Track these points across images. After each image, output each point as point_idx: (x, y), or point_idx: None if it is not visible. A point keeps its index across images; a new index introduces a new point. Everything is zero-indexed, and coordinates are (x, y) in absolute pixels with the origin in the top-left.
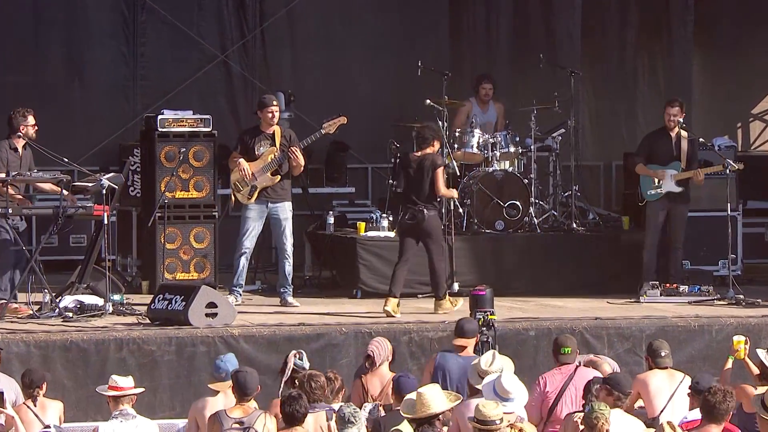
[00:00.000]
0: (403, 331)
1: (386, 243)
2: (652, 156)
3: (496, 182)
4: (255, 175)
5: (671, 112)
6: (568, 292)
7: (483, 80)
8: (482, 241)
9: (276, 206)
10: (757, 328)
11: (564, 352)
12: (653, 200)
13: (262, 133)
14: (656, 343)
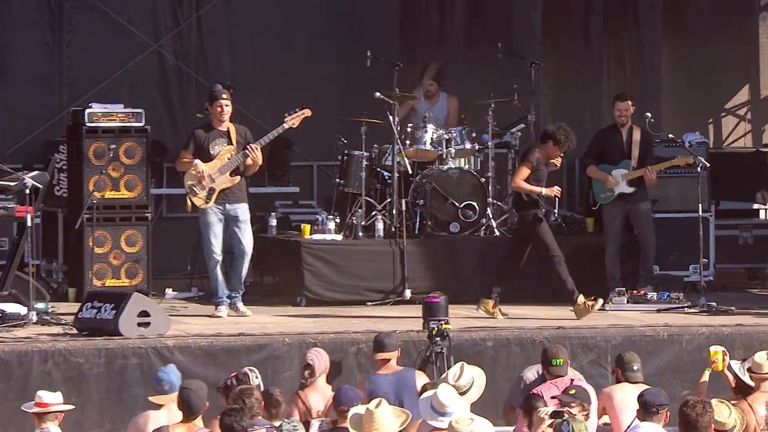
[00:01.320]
0: (350, 342)
1: (332, 247)
2: (603, 155)
3: (451, 181)
4: (212, 177)
5: (621, 108)
6: (529, 299)
7: (423, 75)
8: (436, 245)
9: (235, 207)
10: (731, 337)
11: (555, 363)
12: (607, 203)
13: (216, 130)
14: (627, 356)
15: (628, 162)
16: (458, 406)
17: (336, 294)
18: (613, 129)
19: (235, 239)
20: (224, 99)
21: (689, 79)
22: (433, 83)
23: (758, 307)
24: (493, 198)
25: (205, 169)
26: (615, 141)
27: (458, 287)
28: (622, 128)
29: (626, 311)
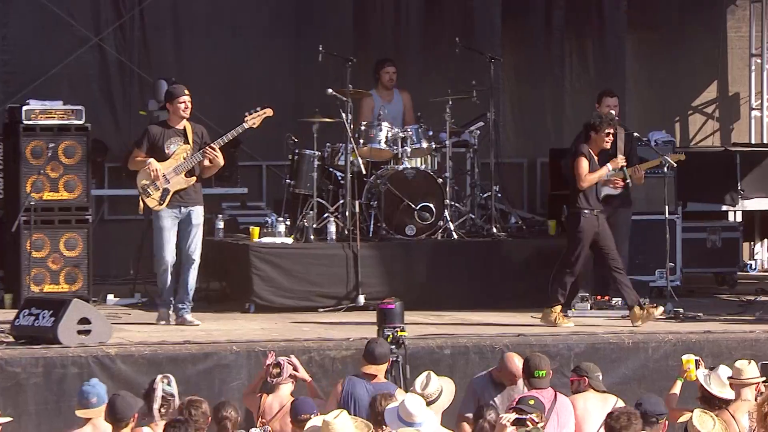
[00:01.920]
0: (302, 350)
1: (282, 250)
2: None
3: (407, 182)
4: (167, 177)
5: (611, 104)
6: (488, 305)
7: (385, 64)
8: (391, 248)
9: (189, 210)
10: (699, 345)
11: (537, 375)
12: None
13: (173, 128)
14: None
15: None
16: (426, 416)
17: (286, 300)
18: None
19: (185, 244)
20: (187, 95)
21: (655, 75)
22: (395, 70)
23: (726, 313)
24: (451, 199)
25: (159, 168)
26: None
27: (414, 293)
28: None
29: (590, 317)
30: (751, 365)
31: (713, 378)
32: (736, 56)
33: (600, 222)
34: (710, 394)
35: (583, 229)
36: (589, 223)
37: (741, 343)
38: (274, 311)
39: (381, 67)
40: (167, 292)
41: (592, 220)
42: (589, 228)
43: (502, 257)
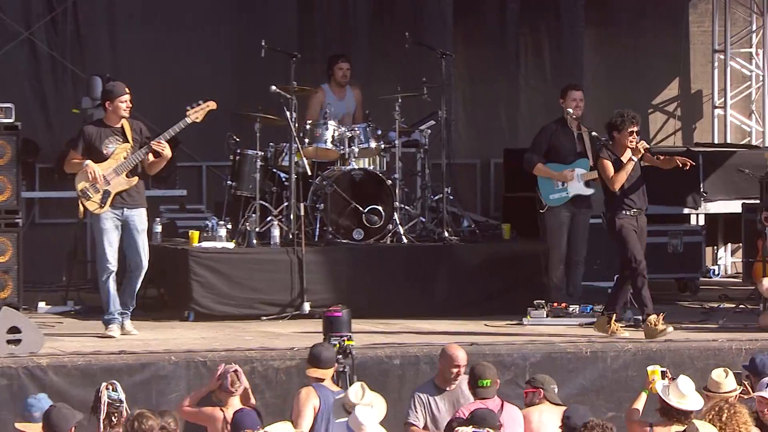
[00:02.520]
0: (244, 360)
1: (223, 256)
2: (551, 153)
3: (354, 184)
4: (107, 178)
5: (577, 97)
6: (440, 312)
7: (339, 59)
8: (338, 253)
9: (132, 213)
10: (659, 354)
11: (482, 384)
12: (558, 205)
13: (110, 127)
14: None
15: (586, 161)
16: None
17: (227, 307)
18: (561, 123)
19: (131, 250)
20: (128, 94)
21: (614, 72)
22: (349, 66)
23: (689, 320)
24: (401, 202)
25: (97, 170)
26: (566, 137)
27: (362, 300)
28: (573, 123)
29: (546, 326)
30: (729, 377)
31: (672, 389)
32: (699, 52)
33: (640, 223)
34: (669, 405)
35: (623, 228)
36: (626, 221)
37: (704, 352)
38: (214, 319)
39: (334, 63)
40: (112, 303)
41: (630, 220)
42: (627, 224)
43: (455, 262)
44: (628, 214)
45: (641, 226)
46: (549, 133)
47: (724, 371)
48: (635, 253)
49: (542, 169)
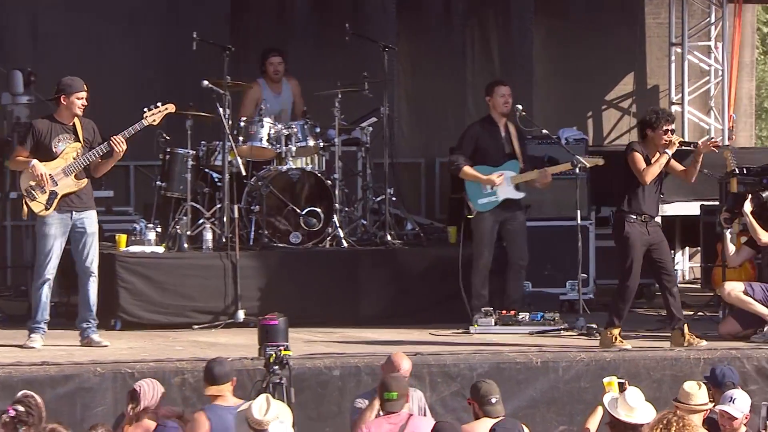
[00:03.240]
0: (174, 371)
1: (153, 261)
2: (479, 154)
3: (292, 184)
4: (54, 179)
5: (505, 93)
6: (382, 320)
7: (270, 54)
8: (274, 258)
9: (81, 216)
10: (613, 364)
11: (388, 398)
12: (486, 211)
13: (62, 124)
14: (484, 386)
15: (516, 162)
16: None
17: (157, 315)
18: (488, 122)
19: (78, 256)
20: (85, 91)
21: (565, 67)
22: (282, 60)
23: (644, 329)
24: (341, 203)
25: (44, 171)
26: (493, 137)
27: (300, 307)
28: (501, 121)
29: (494, 334)
30: (702, 390)
31: (620, 401)
32: (655, 45)
33: (651, 230)
34: (617, 419)
35: (630, 235)
36: (636, 229)
37: (660, 362)
38: (143, 328)
39: (266, 57)
40: (42, 311)
41: (639, 227)
42: (636, 234)
43: (398, 268)
44: (637, 220)
45: (655, 234)
46: (475, 133)
47: (697, 384)
48: (633, 269)
49: (469, 172)
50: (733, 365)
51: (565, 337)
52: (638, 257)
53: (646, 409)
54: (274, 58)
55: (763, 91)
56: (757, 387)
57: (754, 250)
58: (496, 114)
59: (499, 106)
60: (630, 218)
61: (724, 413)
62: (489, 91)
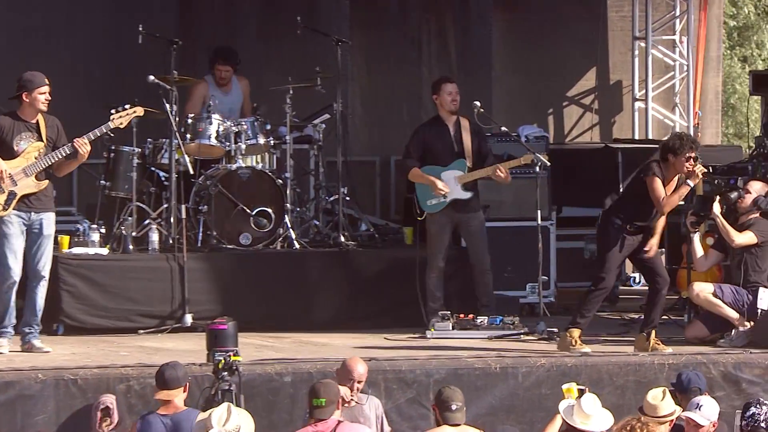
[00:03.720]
0: (118, 378)
1: (96, 263)
2: (427, 155)
3: (241, 183)
4: (14, 179)
5: (452, 91)
6: (335, 325)
7: (218, 61)
8: (223, 260)
9: (40, 217)
10: (575, 370)
11: (317, 404)
12: (435, 212)
13: (24, 122)
14: (447, 392)
15: (463, 161)
16: None
17: (101, 320)
18: (437, 122)
19: (32, 258)
20: (48, 85)
21: (525, 62)
22: (229, 69)
23: (607, 333)
24: (292, 203)
25: (6, 168)
26: (442, 136)
27: (250, 311)
28: (450, 119)
29: (451, 339)
30: (666, 399)
31: (576, 409)
32: (618, 39)
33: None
34: (572, 427)
35: (614, 241)
36: (621, 236)
37: (623, 367)
38: (86, 333)
39: (213, 63)
40: (9, 315)
41: (627, 234)
42: (620, 241)
43: (352, 270)
44: (626, 228)
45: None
46: (422, 134)
47: (662, 392)
48: (609, 275)
49: (417, 174)
50: (700, 371)
51: (526, 342)
52: (616, 264)
53: (602, 416)
54: (222, 67)
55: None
56: (723, 393)
57: (723, 253)
58: (444, 112)
59: (446, 104)
60: (616, 224)
61: (690, 421)
62: (435, 89)
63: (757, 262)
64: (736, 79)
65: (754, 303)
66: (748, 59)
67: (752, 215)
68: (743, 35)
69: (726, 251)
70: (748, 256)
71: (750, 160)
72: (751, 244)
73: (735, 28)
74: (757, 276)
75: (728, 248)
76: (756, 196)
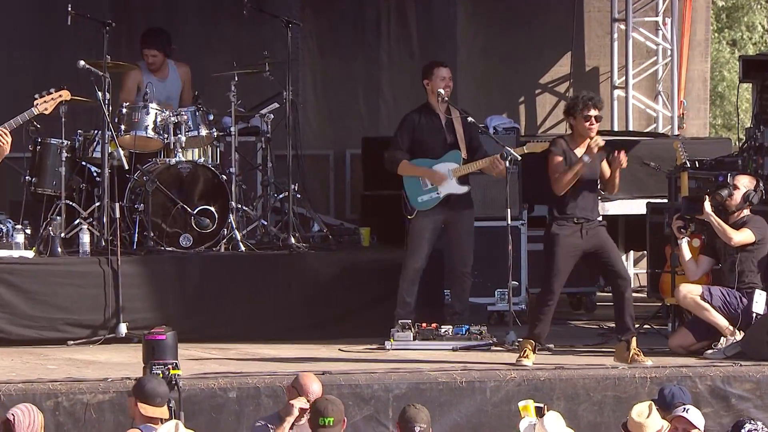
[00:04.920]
0: (46, 394)
1: (21, 267)
2: (417, 147)
3: (181, 179)
4: None
5: (446, 75)
6: (285, 335)
7: (145, 45)
8: (161, 264)
9: None
10: (548, 384)
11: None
12: (428, 209)
13: None
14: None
15: (458, 153)
16: None
17: (26, 330)
18: (426, 109)
19: None
20: None
21: (493, 47)
22: (157, 53)
23: (583, 344)
24: (238, 201)
25: None
26: (433, 126)
27: (191, 320)
28: (439, 108)
29: (413, 350)
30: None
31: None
32: (595, 22)
33: (589, 234)
34: None
35: (555, 241)
36: (564, 234)
37: (602, 381)
38: (10, 344)
39: (141, 47)
40: None
41: (569, 231)
42: (563, 240)
43: (304, 275)
44: (568, 224)
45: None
46: (412, 123)
47: (647, 407)
48: (555, 279)
49: (408, 167)
50: (684, 385)
51: (495, 353)
52: (562, 266)
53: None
54: (149, 51)
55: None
56: (710, 410)
57: (714, 258)
58: (435, 100)
59: (432, 90)
60: (558, 222)
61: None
62: (427, 74)
63: (752, 261)
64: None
65: (749, 307)
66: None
67: (743, 212)
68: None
69: (717, 255)
70: (742, 256)
71: (740, 154)
72: (749, 242)
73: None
74: (753, 277)
75: (719, 251)
76: (746, 191)
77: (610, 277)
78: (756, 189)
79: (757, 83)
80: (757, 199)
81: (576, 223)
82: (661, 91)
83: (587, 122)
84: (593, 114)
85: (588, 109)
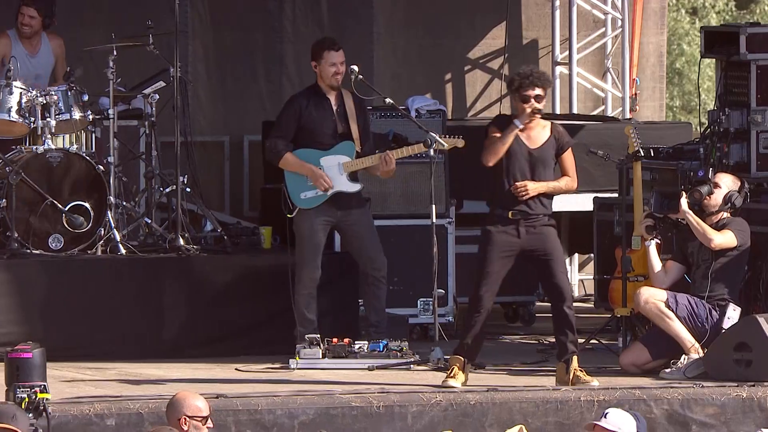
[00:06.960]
0: None
1: None
2: (303, 135)
3: (51, 170)
4: None
5: (336, 60)
6: (172, 352)
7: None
8: (27, 269)
9: None
10: (480, 409)
11: None
12: (312, 207)
13: None
14: None
15: (351, 144)
16: None
17: None
18: (315, 92)
19: None
20: None
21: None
22: (35, 15)
23: (520, 362)
24: (117, 196)
25: None
26: (321, 113)
27: (62, 335)
28: (330, 93)
29: (322, 370)
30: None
31: None
32: None
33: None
34: None
35: (485, 239)
36: (496, 230)
37: (542, 405)
38: None
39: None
40: None
41: (503, 227)
42: (494, 237)
43: (194, 281)
44: (501, 218)
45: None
46: (298, 108)
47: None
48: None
49: (291, 162)
50: (638, 409)
51: (417, 373)
52: (491, 268)
53: None
54: (27, 9)
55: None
56: None
57: (684, 265)
58: (325, 84)
59: (327, 77)
60: (490, 216)
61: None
62: (316, 56)
63: (729, 270)
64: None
65: (720, 322)
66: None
67: (722, 215)
68: None
69: (688, 262)
70: (718, 263)
71: (702, 141)
72: (730, 246)
73: None
74: (728, 288)
75: (691, 256)
76: (728, 191)
77: (549, 290)
78: (740, 190)
79: (722, 59)
80: (739, 202)
81: (511, 217)
82: (611, 67)
83: (526, 103)
84: (533, 93)
85: (525, 89)
